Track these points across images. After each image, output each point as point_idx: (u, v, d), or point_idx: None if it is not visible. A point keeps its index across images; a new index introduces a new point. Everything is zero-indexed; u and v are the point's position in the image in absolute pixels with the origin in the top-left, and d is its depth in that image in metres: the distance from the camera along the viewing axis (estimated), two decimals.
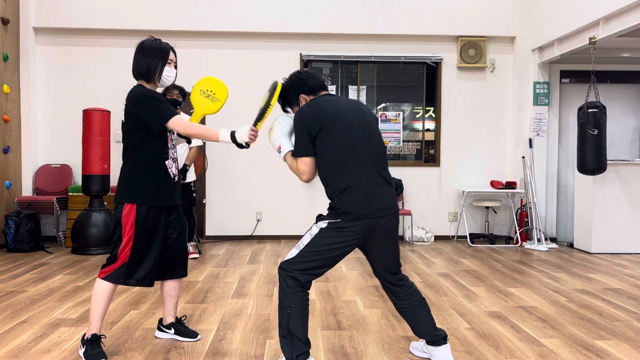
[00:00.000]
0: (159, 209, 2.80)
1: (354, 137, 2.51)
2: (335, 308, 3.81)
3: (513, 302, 3.97)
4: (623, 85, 7.30)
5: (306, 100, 2.67)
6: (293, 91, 2.68)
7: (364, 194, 2.46)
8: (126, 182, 2.76)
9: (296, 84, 2.67)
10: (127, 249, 2.71)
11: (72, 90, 6.92)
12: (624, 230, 6.15)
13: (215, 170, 7.04)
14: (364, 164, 2.50)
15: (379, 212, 2.47)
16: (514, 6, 7.04)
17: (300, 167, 2.54)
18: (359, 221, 2.44)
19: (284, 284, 2.49)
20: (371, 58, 7.09)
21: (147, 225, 2.74)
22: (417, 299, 2.70)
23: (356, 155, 2.50)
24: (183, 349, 2.94)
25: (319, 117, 2.50)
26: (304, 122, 2.52)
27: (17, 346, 2.96)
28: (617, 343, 3.09)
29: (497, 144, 7.26)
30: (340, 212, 2.46)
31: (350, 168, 2.48)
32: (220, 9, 6.86)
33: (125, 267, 2.73)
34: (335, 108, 2.54)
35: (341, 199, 2.46)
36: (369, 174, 2.50)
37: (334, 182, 2.49)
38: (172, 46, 2.90)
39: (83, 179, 5.93)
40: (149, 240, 2.77)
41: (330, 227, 2.47)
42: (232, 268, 5.20)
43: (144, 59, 2.79)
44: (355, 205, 2.44)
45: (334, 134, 2.49)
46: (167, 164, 2.82)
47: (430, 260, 5.71)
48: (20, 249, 5.94)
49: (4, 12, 6.34)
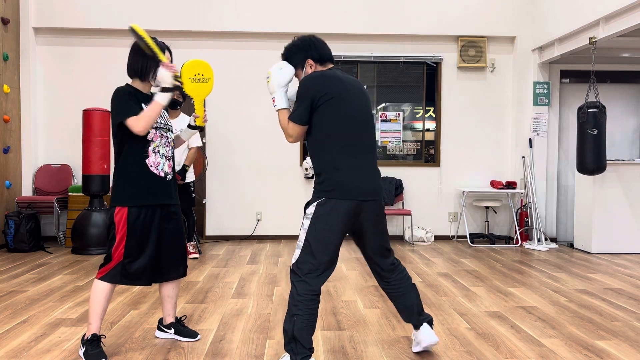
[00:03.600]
0: (151, 208, 2.79)
1: (355, 118, 2.52)
2: (335, 308, 3.81)
3: (513, 302, 3.97)
4: (623, 85, 7.30)
5: (312, 67, 2.64)
6: (302, 53, 2.64)
7: (353, 176, 2.48)
8: (115, 184, 2.79)
9: (307, 47, 2.64)
10: (120, 248, 2.72)
11: (72, 90, 6.92)
12: (624, 230, 6.15)
13: (215, 170, 7.04)
14: (359, 147, 2.52)
15: (364, 196, 2.49)
16: (514, 6, 7.04)
17: (290, 130, 2.54)
18: (344, 201, 2.45)
19: (294, 290, 2.48)
20: (371, 58, 7.09)
21: (138, 225, 2.74)
22: (406, 285, 2.72)
23: (355, 137, 2.51)
24: (183, 349, 2.94)
25: (327, 89, 2.48)
26: (312, 90, 2.48)
27: (17, 346, 2.96)
28: (617, 343, 3.09)
29: (497, 144, 7.26)
30: (325, 190, 2.47)
31: (347, 147, 2.49)
32: (220, 9, 6.86)
33: (121, 266, 2.73)
34: (344, 86, 2.54)
35: (329, 177, 2.47)
36: (363, 157, 2.52)
37: (326, 158, 2.49)
38: (168, 46, 2.90)
39: (83, 179, 5.93)
40: (142, 240, 2.76)
41: (318, 211, 2.47)
42: (232, 268, 5.20)
43: (138, 58, 2.79)
44: (342, 184, 2.46)
45: (337, 110, 2.48)
46: (147, 162, 2.78)
47: (430, 260, 5.71)
48: (20, 249, 5.94)
49: (4, 12, 6.34)
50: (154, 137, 2.82)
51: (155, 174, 2.80)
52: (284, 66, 2.62)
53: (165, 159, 2.86)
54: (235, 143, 7.06)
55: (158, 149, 2.84)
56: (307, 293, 2.46)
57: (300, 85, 2.54)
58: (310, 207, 2.51)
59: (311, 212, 2.50)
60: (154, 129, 2.81)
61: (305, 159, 7.04)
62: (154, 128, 2.81)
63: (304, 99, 2.50)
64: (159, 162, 2.83)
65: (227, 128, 7.05)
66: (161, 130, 2.85)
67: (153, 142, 2.81)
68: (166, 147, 2.88)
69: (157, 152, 2.83)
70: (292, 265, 2.53)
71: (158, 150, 2.84)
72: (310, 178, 7.06)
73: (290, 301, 2.49)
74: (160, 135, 2.85)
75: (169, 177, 2.89)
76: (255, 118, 7.07)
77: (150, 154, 2.80)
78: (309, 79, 2.52)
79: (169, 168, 2.89)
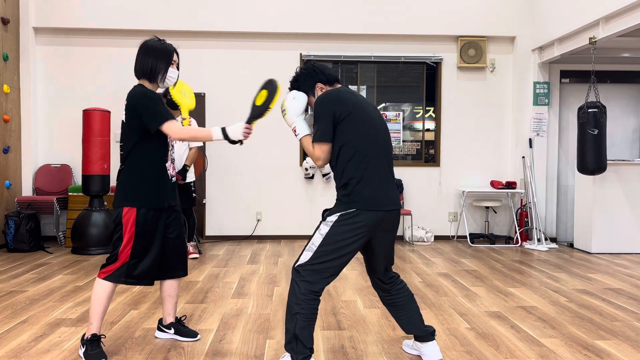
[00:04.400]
0: (158, 211, 2.81)
1: (375, 129, 2.54)
2: (335, 308, 3.81)
3: (513, 302, 3.97)
4: (623, 85, 7.30)
5: (322, 90, 2.66)
6: (310, 79, 2.66)
7: (379, 186, 2.49)
8: (125, 184, 2.77)
9: (313, 72, 2.66)
10: (127, 249, 2.72)
11: (72, 90, 6.92)
12: (624, 230, 6.15)
13: (215, 170, 7.04)
14: (381, 157, 2.53)
15: (389, 206, 2.50)
16: (514, 6, 7.04)
17: (317, 152, 2.52)
18: (371, 212, 2.45)
19: (296, 289, 2.47)
20: (371, 58, 7.09)
21: (147, 227, 2.75)
22: (406, 295, 2.72)
23: (377, 147, 2.53)
24: (183, 349, 2.94)
25: (345, 104, 2.50)
26: (331, 105, 2.49)
27: (17, 346, 2.96)
28: (617, 343, 3.09)
29: (497, 144, 7.26)
30: (354, 201, 2.45)
31: (370, 158, 2.50)
32: (220, 9, 6.86)
33: (126, 266, 2.73)
34: (356, 99, 2.57)
35: (357, 188, 2.46)
36: (385, 167, 2.54)
37: (352, 169, 2.48)
38: (175, 47, 2.91)
39: (83, 179, 5.93)
40: (149, 241, 2.77)
41: (342, 220, 2.45)
42: (232, 268, 5.20)
43: (148, 59, 2.80)
44: (370, 195, 2.46)
45: (358, 122, 2.50)
46: (167, 166, 2.84)
47: (430, 260, 5.71)
48: (20, 249, 5.94)
49: (4, 12, 6.34)
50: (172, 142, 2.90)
51: (168, 176, 2.87)
52: (296, 95, 2.63)
53: (171, 162, 2.92)
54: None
55: (171, 152, 2.91)
56: (309, 293, 2.46)
57: (316, 105, 2.54)
58: (334, 215, 2.48)
59: (333, 219, 2.47)
60: None
61: (305, 159, 7.04)
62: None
63: (325, 116, 2.49)
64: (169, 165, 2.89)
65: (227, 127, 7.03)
66: None
67: (171, 147, 2.90)
68: (172, 149, 2.95)
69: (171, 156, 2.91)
70: (298, 265, 2.51)
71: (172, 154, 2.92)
72: (310, 178, 7.06)
73: (292, 300, 2.48)
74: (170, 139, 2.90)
75: (173, 179, 2.93)
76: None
77: (169, 158, 2.87)
78: (324, 97, 2.54)
79: (173, 170, 2.94)
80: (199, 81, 6.99)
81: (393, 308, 2.74)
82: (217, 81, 7.04)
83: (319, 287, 2.48)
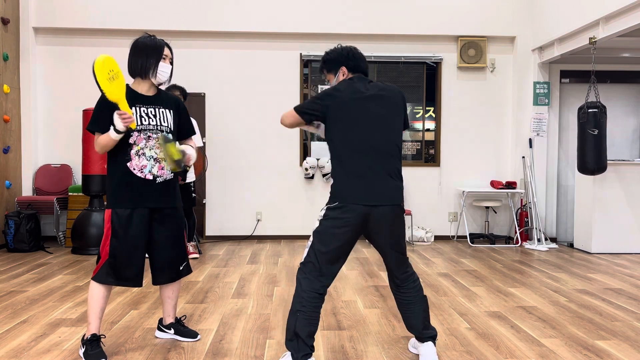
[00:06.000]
0: (138, 211, 2.76)
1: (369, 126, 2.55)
2: (335, 308, 3.81)
3: (513, 302, 3.97)
4: (623, 85, 7.30)
5: (344, 75, 2.72)
6: (338, 61, 2.72)
7: (363, 181, 2.51)
8: (107, 186, 2.83)
9: (345, 56, 2.72)
10: (106, 246, 2.74)
11: (72, 90, 6.92)
12: (624, 230, 6.15)
13: (215, 170, 7.04)
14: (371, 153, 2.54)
15: (374, 201, 2.50)
16: (514, 6, 7.04)
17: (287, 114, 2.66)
18: (352, 205, 2.49)
19: (299, 287, 2.54)
20: (371, 58, 7.09)
21: (123, 226, 2.73)
22: (415, 295, 2.72)
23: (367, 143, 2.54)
24: (183, 349, 2.94)
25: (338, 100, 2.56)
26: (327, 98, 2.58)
27: (17, 346, 2.96)
28: (617, 343, 3.09)
29: (497, 144, 7.26)
30: (336, 194, 2.54)
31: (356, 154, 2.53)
32: (220, 9, 6.86)
33: (107, 265, 2.73)
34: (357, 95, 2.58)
35: (339, 182, 2.54)
36: (375, 163, 2.54)
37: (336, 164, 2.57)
38: (167, 42, 2.88)
39: (83, 179, 5.93)
40: (127, 241, 2.74)
41: (328, 215, 2.54)
42: (232, 268, 5.20)
43: (138, 57, 2.78)
44: (352, 189, 2.50)
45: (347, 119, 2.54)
46: (129, 165, 2.73)
47: (430, 260, 5.71)
48: (20, 249, 5.94)
49: (4, 12, 6.34)
50: (137, 140, 2.74)
51: (139, 176, 2.75)
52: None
53: (154, 161, 2.78)
54: (235, 143, 7.06)
55: (143, 151, 2.75)
56: (311, 291, 2.50)
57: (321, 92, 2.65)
58: (322, 210, 2.59)
59: (321, 214, 2.59)
60: (136, 132, 2.74)
61: (305, 159, 7.04)
62: (137, 131, 2.74)
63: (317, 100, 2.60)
64: (144, 164, 2.75)
65: (227, 128, 7.05)
66: (148, 132, 2.77)
67: (136, 144, 2.74)
68: (155, 148, 2.78)
69: (142, 155, 2.75)
70: (300, 263, 2.60)
71: (143, 152, 2.75)
72: (310, 178, 7.06)
73: (295, 298, 2.54)
74: (147, 137, 2.76)
75: (160, 180, 2.80)
76: (255, 118, 7.07)
77: (132, 157, 2.74)
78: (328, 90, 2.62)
79: (160, 170, 2.81)
80: (199, 81, 6.99)
81: (399, 304, 2.77)
82: (217, 81, 7.04)
83: (319, 285, 2.52)
